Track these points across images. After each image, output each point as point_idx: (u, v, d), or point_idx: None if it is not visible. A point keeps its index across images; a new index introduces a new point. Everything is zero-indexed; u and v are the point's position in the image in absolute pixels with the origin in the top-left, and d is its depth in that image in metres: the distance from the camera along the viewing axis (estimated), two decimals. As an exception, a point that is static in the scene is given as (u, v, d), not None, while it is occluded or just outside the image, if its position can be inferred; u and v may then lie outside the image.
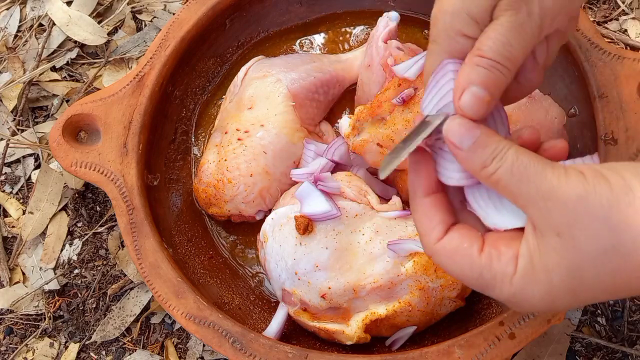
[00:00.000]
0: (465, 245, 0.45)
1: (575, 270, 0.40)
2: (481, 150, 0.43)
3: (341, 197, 0.71)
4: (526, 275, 0.42)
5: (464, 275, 0.45)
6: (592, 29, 0.73)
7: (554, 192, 0.40)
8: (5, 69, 0.99)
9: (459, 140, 0.44)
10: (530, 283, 0.42)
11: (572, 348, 0.75)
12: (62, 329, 0.81)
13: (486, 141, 0.43)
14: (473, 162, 0.44)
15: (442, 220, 0.47)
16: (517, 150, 0.43)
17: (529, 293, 0.42)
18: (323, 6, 0.91)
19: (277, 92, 0.79)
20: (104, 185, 0.73)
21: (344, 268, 0.67)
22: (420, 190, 0.47)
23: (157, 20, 1.02)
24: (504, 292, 0.43)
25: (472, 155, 0.44)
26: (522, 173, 0.42)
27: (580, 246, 0.40)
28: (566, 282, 0.41)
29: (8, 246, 0.87)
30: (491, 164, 0.43)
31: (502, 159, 0.43)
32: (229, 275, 0.78)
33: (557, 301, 0.42)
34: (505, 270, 0.43)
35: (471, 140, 0.43)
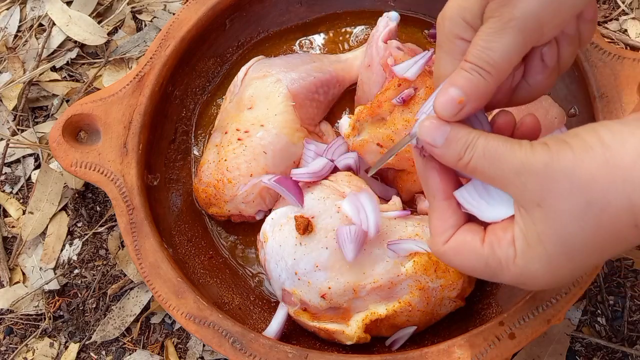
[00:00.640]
0: (468, 239, 0.47)
1: (562, 235, 0.42)
2: (454, 144, 0.46)
3: (341, 197, 0.71)
4: (525, 254, 0.44)
5: (473, 268, 0.48)
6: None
7: (524, 166, 0.43)
8: (5, 69, 0.99)
9: (431, 138, 0.47)
10: (531, 260, 0.44)
11: (572, 348, 0.75)
12: (62, 329, 0.81)
13: (457, 135, 0.46)
14: (449, 157, 0.47)
15: (454, 224, 0.49)
16: (487, 137, 0.45)
17: (532, 270, 0.44)
18: (323, 6, 0.91)
19: (277, 92, 0.79)
20: (104, 185, 0.73)
21: (344, 268, 0.67)
22: (440, 194, 0.50)
23: (157, 20, 1.02)
24: (511, 275, 0.46)
25: (446, 150, 0.47)
26: (494, 156, 0.44)
27: (558, 211, 0.42)
28: (560, 249, 0.43)
29: (8, 246, 0.87)
30: (465, 154, 0.46)
31: (474, 147, 0.45)
32: (229, 275, 0.78)
33: (559, 271, 0.44)
34: (507, 254, 0.45)
35: (443, 137, 0.47)
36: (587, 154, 0.41)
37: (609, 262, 0.79)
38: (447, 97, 0.46)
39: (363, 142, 0.72)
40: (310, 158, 0.78)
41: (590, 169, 0.40)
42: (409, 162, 0.72)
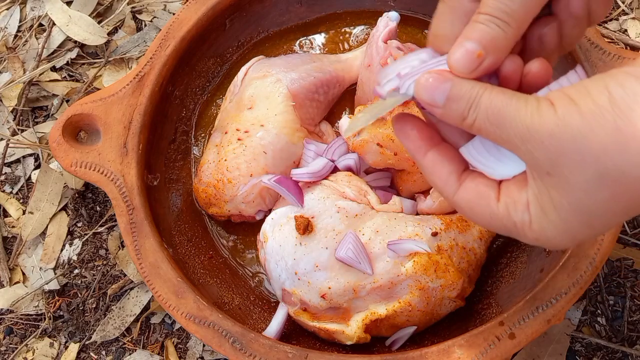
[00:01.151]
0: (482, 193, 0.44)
1: (576, 202, 0.40)
2: (456, 104, 0.42)
3: (341, 197, 0.71)
4: (541, 220, 0.42)
5: (488, 225, 0.45)
6: (592, 29, 0.73)
7: (529, 133, 0.40)
8: (5, 69, 0.99)
9: (430, 97, 0.43)
10: (547, 227, 0.42)
11: (572, 348, 0.75)
12: (62, 329, 0.81)
13: (459, 92, 0.42)
14: (452, 117, 0.43)
15: (450, 172, 0.46)
16: (490, 94, 0.42)
17: (549, 235, 0.42)
18: (323, 6, 0.91)
19: (277, 92, 0.79)
20: (104, 185, 0.73)
21: (344, 268, 0.67)
22: (418, 153, 0.47)
23: (157, 20, 1.02)
24: (528, 238, 0.43)
25: (449, 110, 0.43)
26: (498, 119, 0.41)
27: (571, 181, 0.39)
28: (576, 217, 0.40)
29: (8, 246, 0.87)
30: (468, 115, 0.42)
31: (477, 106, 0.42)
32: (229, 275, 0.78)
33: (578, 235, 0.42)
34: (522, 219, 0.43)
35: (443, 96, 0.43)
36: (597, 121, 0.37)
37: (609, 262, 0.79)
38: (464, 51, 0.43)
39: (363, 142, 0.72)
40: (310, 158, 0.78)
41: (601, 138, 0.37)
42: (409, 162, 0.72)
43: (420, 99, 0.44)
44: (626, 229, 0.81)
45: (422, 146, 0.46)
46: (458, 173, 0.46)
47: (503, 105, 0.41)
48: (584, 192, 0.39)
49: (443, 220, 0.71)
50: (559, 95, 0.40)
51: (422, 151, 0.46)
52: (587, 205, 0.39)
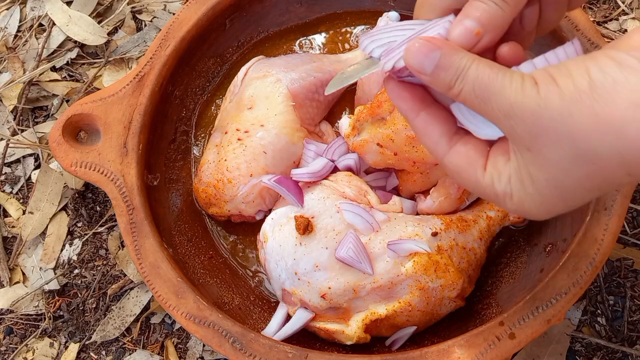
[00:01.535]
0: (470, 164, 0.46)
1: (552, 179, 0.41)
2: (444, 73, 0.43)
3: (341, 197, 0.71)
4: (520, 193, 0.44)
5: (472, 190, 0.47)
6: (592, 29, 0.73)
7: (512, 110, 0.41)
8: (5, 69, 0.99)
9: (419, 64, 0.44)
10: (525, 199, 0.44)
11: (572, 348, 0.75)
12: (62, 329, 0.81)
13: (448, 62, 0.43)
14: (439, 85, 0.44)
15: (441, 134, 0.47)
16: (478, 67, 0.43)
17: (526, 207, 0.44)
18: (323, 6, 0.91)
19: (277, 92, 0.79)
20: (104, 185, 0.73)
21: (344, 268, 0.67)
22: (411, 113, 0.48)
23: (157, 20, 1.02)
24: (508, 208, 0.45)
25: (436, 79, 0.44)
26: (484, 93, 0.42)
27: (548, 158, 0.41)
28: (552, 192, 0.42)
29: (8, 246, 0.87)
30: (455, 85, 0.43)
31: (464, 78, 0.43)
32: (229, 275, 0.78)
33: (553, 208, 0.44)
34: (505, 191, 0.44)
35: (433, 64, 0.44)
36: (576, 104, 0.39)
37: (609, 262, 0.79)
38: (463, 29, 0.44)
39: (363, 142, 0.72)
40: (310, 158, 0.78)
41: (579, 121, 0.39)
42: (409, 162, 0.72)
43: (409, 65, 0.45)
44: (626, 229, 0.81)
45: (415, 107, 0.47)
46: (449, 135, 0.47)
47: (489, 80, 0.42)
48: (559, 169, 0.41)
49: (443, 220, 0.71)
50: (543, 75, 0.41)
51: (414, 111, 0.48)
52: (562, 182, 0.41)
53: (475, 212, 0.74)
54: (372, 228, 0.68)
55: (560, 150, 0.40)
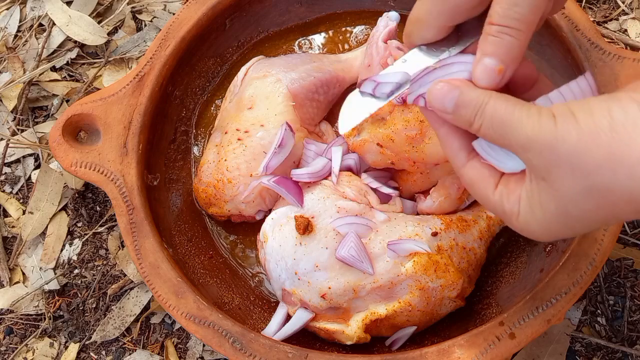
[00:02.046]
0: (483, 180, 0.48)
1: (562, 208, 0.43)
2: (464, 110, 0.46)
3: (341, 197, 0.71)
4: (527, 215, 0.45)
5: (482, 203, 0.50)
6: (592, 29, 0.73)
7: (529, 143, 0.42)
8: (5, 69, 0.99)
9: (441, 105, 0.47)
10: (531, 222, 0.45)
11: (572, 348, 0.75)
12: (62, 329, 0.81)
13: (465, 100, 0.46)
14: (461, 122, 0.47)
15: (460, 147, 0.49)
16: (495, 103, 0.44)
17: (531, 229, 0.46)
18: (323, 6, 0.91)
19: (277, 92, 0.79)
20: (104, 185, 0.73)
21: (344, 268, 0.67)
22: (435, 124, 0.50)
23: (157, 20, 1.02)
24: (513, 225, 0.47)
25: (457, 117, 0.46)
26: (501, 127, 0.44)
27: (560, 189, 0.42)
28: (558, 219, 0.44)
29: (8, 246, 0.87)
30: (475, 121, 0.45)
31: (482, 114, 0.45)
32: (229, 275, 0.78)
33: (557, 234, 0.46)
34: (512, 210, 0.46)
35: (452, 102, 0.46)
36: (594, 140, 0.40)
37: (609, 262, 0.79)
38: (484, 68, 0.46)
39: (363, 142, 0.72)
40: (310, 158, 0.78)
41: (595, 157, 0.40)
42: (409, 162, 0.72)
43: (432, 106, 0.47)
44: (626, 229, 0.81)
45: (439, 119, 0.50)
46: (468, 149, 0.49)
47: (506, 114, 0.44)
48: (571, 201, 0.42)
49: (443, 220, 0.71)
50: (563, 110, 0.42)
51: (438, 123, 0.50)
52: (571, 212, 0.43)
53: (475, 212, 0.74)
54: (370, 228, 0.68)
55: (572, 182, 0.41)
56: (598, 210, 0.42)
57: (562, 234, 0.46)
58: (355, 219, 0.68)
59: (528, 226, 0.46)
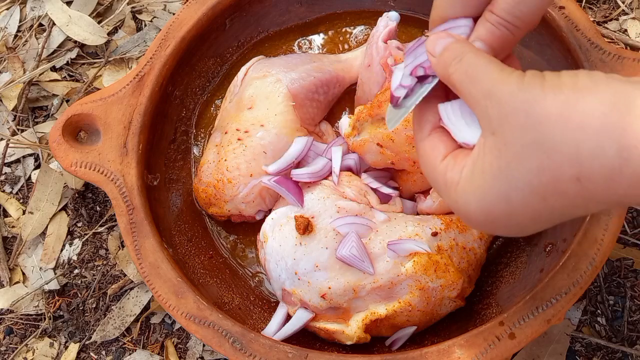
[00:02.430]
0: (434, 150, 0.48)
1: (504, 169, 0.41)
2: (447, 53, 0.46)
3: (341, 197, 0.71)
4: (466, 183, 0.44)
5: (428, 176, 0.48)
6: (592, 29, 0.73)
7: (492, 90, 0.42)
8: (5, 69, 0.99)
9: (432, 48, 0.47)
10: (468, 191, 0.43)
11: (572, 348, 0.75)
12: (62, 329, 0.81)
13: (453, 45, 0.46)
14: (440, 65, 0.46)
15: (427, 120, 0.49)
16: (477, 54, 0.44)
17: (467, 201, 0.44)
18: (323, 6, 0.91)
19: (277, 92, 0.79)
20: (104, 185, 0.73)
21: (344, 268, 0.67)
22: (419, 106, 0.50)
23: (157, 20, 1.02)
24: (450, 200, 0.45)
25: (440, 58, 0.46)
26: (474, 73, 0.43)
27: (507, 142, 0.41)
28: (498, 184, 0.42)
29: (8, 246, 0.87)
30: (451, 64, 0.45)
31: (461, 60, 0.45)
32: (229, 275, 0.78)
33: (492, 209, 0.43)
34: (452, 178, 0.45)
35: (442, 46, 0.46)
36: (554, 92, 0.39)
37: (609, 262, 0.79)
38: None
39: (363, 142, 0.72)
40: (310, 158, 0.78)
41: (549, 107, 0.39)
42: (409, 162, 0.72)
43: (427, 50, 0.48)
44: (626, 229, 0.81)
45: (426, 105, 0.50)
46: (434, 124, 0.49)
47: (482, 64, 0.44)
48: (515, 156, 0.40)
49: (443, 220, 0.71)
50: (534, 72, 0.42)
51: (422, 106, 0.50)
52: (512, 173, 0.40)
53: (475, 212, 0.74)
54: (370, 228, 0.68)
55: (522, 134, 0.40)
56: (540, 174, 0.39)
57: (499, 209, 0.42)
58: (356, 219, 0.68)
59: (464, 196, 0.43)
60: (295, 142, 0.76)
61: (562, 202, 0.40)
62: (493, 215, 0.43)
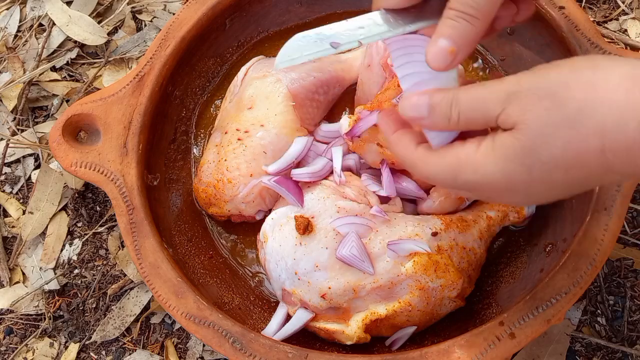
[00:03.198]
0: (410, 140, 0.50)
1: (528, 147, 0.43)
2: (439, 108, 0.47)
3: (341, 197, 0.71)
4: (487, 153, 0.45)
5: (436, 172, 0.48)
6: (592, 29, 0.73)
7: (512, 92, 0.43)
8: (5, 69, 0.99)
9: (417, 112, 0.48)
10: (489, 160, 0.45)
11: (572, 348, 0.75)
12: (62, 329, 0.81)
13: (437, 99, 0.47)
14: (438, 121, 0.47)
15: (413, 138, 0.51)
16: (466, 89, 0.46)
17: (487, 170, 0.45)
18: (323, 6, 0.91)
19: (277, 92, 0.79)
20: (104, 185, 0.73)
21: (344, 268, 0.67)
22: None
23: (157, 20, 1.02)
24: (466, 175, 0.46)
25: (433, 117, 0.47)
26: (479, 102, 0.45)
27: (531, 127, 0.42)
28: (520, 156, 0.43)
29: (8, 246, 0.87)
30: (452, 113, 0.46)
31: (458, 103, 0.46)
32: (229, 275, 0.78)
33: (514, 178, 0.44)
34: (467, 152, 0.46)
35: (426, 107, 0.47)
36: (574, 74, 0.41)
37: (609, 262, 0.79)
38: (437, 49, 0.47)
39: (363, 142, 0.72)
40: (310, 158, 0.78)
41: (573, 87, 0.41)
42: (409, 162, 0.72)
43: (408, 117, 0.49)
44: (626, 229, 0.81)
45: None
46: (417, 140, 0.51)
47: (480, 90, 0.45)
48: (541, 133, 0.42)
49: (443, 220, 0.71)
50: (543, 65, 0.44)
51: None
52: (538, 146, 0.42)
53: (475, 212, 0.74)
54: (370, 228, 0.68)
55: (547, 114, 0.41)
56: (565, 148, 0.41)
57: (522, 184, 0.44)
58: (356, 219, 0.68)
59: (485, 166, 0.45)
60: (295, 142, 0.76)
61: (583, 173, 0.42)
62: (513, 184, 0.45)
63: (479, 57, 0.86)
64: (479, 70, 0.85)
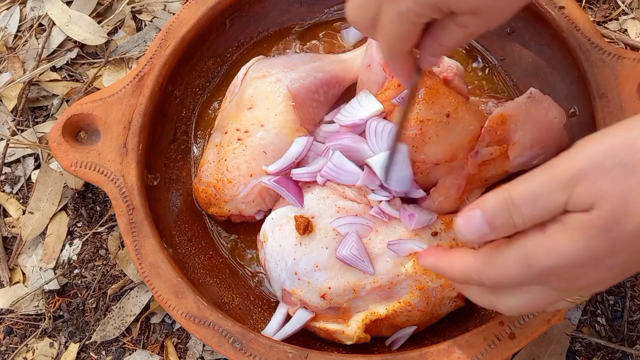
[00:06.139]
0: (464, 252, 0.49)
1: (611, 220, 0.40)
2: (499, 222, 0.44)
3: (341, 197, 0.71)
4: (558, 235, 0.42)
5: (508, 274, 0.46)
6: (592, 29, 0.73)
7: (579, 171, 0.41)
8: (5, 69, 1.00)
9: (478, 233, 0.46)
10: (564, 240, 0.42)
11: (572, 348, 0.75)
12: (62, 329, 0.81)
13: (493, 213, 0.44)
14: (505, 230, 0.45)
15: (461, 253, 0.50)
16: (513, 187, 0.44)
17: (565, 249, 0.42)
18: (323, 6, 0.91)
19: (277, 92, 0.79)
20: (104, 185, 0.73)
21: (344, 268, 0.67)
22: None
23: (157, 20, 1.02)
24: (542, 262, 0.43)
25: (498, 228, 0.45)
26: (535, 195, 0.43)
27: (610, 197, 0.40)
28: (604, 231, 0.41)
29: (8, 246, 0.87)
30: (514, 217, 0.44)
31: (515, 207, 0.43)
32: (229, 275, 0.78)
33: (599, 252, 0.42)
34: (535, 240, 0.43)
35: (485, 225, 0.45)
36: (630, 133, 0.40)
37: (609, 262, 0.79)
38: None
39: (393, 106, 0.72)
40: (310, 158, 0.78)
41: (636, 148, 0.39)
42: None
43: (469, 240, 0.47)
44: (626, 229, 0.81)
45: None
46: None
47: (532, 185, 0.43)
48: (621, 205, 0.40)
49: (443, 220, 0.71)
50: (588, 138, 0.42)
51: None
52: (620, 219, 0.40)
53: (475, 212, 0.74)
54: (370, 228, 0.68)
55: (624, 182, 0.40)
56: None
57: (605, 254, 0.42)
58: (356, 219, 0.68)
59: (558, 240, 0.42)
60: (295, 142, 0.76)
61: None
62: (597, 258, 0.42)
63: (478, 56, 0.86)
64: (479, 70, 0.85)
